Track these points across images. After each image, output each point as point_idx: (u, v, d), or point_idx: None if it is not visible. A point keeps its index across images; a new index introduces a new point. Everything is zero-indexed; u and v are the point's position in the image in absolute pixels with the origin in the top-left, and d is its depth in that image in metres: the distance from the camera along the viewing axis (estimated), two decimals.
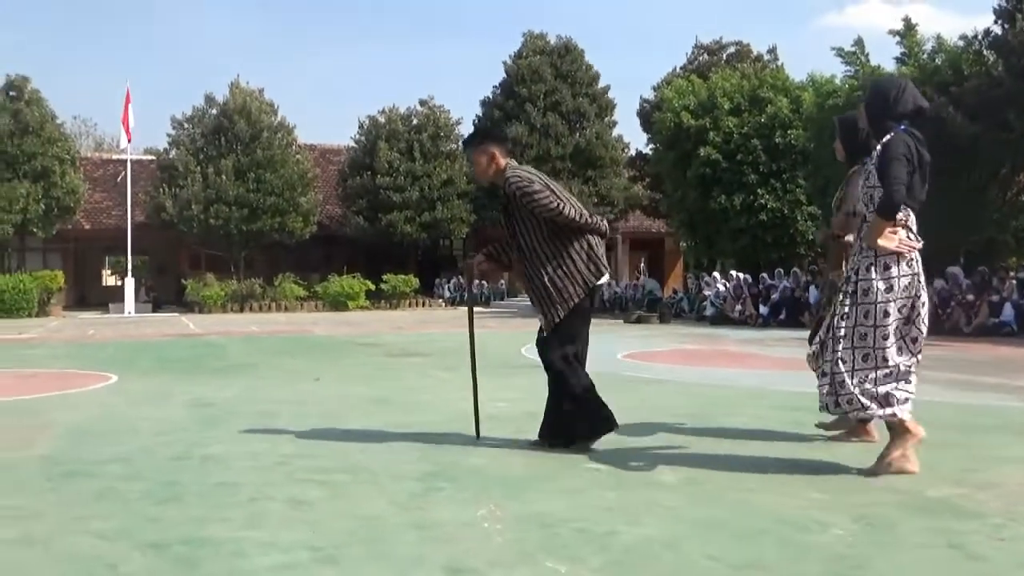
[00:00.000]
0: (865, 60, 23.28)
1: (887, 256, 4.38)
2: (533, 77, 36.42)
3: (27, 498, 4.23)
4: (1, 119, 30.64)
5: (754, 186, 25.71)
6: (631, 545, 3.39)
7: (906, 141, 4.40)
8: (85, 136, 55.65)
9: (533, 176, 5.21)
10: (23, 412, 7.21)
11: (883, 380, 4.41)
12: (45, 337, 18.53)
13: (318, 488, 4.35)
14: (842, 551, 3.30)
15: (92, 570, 3.18)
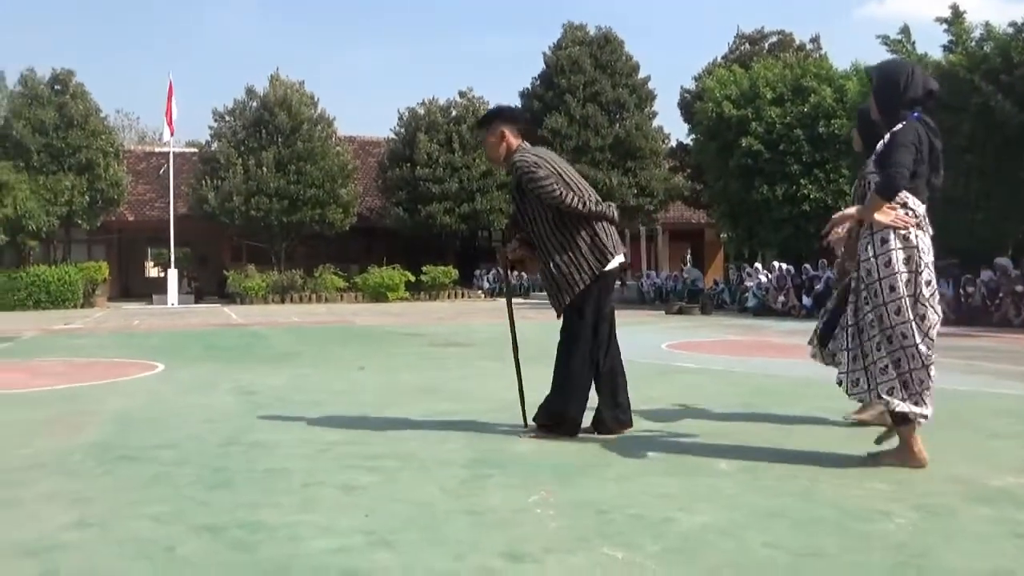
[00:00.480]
0: (911, 48, 22.91)
1: (882, 230, 4.33)
2: (573, 68, 36.29)
3: (82, 483, 4.27)
4: (46, 112, 31.03)
5: (797, 176, 25.43)
6: (688, 532, 3.35)
7: (916, 130, 4.36)
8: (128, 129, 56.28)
9: (541, 160, 5.15)
10: (74, 399, 7.29)
11: (912, 362, 4.28)
12: (91, 327, 18.77)
13: (369, 474, 4.35)
14: (904, 540, 3.25)
15: (149, 552, 3.19)
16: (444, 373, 8.81)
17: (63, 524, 3.56)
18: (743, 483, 4.10)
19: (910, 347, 4.27)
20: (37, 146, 30.59)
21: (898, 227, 4.32)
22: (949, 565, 2.98)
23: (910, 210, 4.36)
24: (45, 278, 30.15)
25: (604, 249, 5.09)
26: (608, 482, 4.13)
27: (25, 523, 3.58)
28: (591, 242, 5.08)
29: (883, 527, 3.40)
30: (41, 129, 30.80)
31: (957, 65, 20.35)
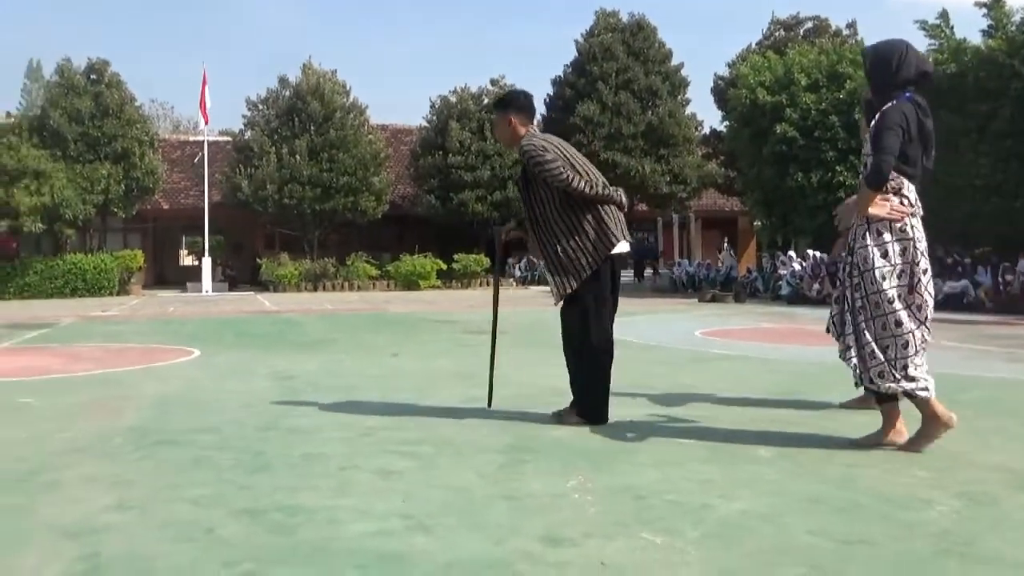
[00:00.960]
0: (950, 33, 22.61)
1: (879, 223, 4.35)
2: (605, 55, 36.05)
3: (121, 466, 4.31)
4: (83, 102, 31.30)
5: (832, 163, 25.16)
6: (728, 518, 3.33)
7: (904, 111, 4.35)
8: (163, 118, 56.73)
9: (548, 145, 5.15)
10: (112, 384, 7.36)
11: (902, 349, 4.31)
12: (128, 314, 18.96)
13: (405, 459, 4.36)
14: (948, 527, 3.21)
15: (190, 534, 3.22)
16: (478, 360, 8.77)
17: (103, 507, 3.59)
18: (783, 469, 4.07)
19: (905, 334, 4.32)
20: (74, 135, 30.87)
21: (894, 219, 4.34)
22: (994, 553, 2.95)
23: (904, 197, 4.39)
24: (82, 266, 30.49)
25: (610, 234, 5.09)
26: (646, 468, 4.11)
27: (66, 506, 3.62)
28: (597, 227, 5.09)
29: (926, 515, 3.37)
30: (77, 118, 31.07)
31: (996, 50, 20.07)
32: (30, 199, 28.62)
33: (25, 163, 28.92)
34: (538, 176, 5.10)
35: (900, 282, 4.35)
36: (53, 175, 29.37)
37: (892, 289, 4.34)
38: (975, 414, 5.46)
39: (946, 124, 20.64)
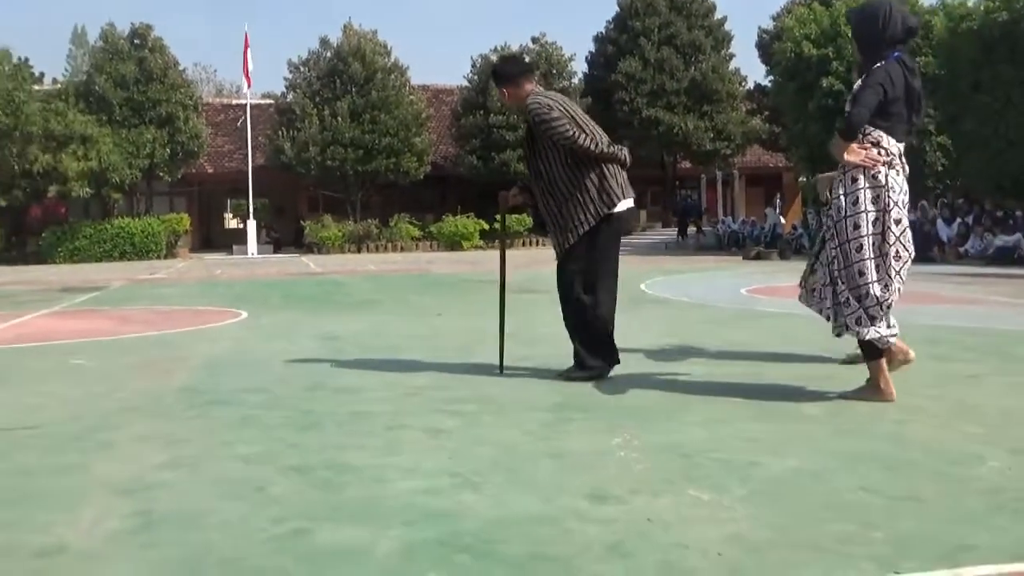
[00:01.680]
0: None
1: (853, 170, 4.44)
2: (647, 10, 35.64)
3: (174, 425, 4.37)
4: (127, 67, 31.51)
5: None
6: (776, 476, 3.30)
7: (889, 71, 4.42)
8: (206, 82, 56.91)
9: (553, 103, 5.17)
10: (164, 346, 7.46)
11: (864, 298, 4.40)
12: (175, 277, 19.19)
13: (452, 418, 4.37)
14: (1000, 484, 3.15)
15: (240, 492, 3.25)
16: (521, 319, 8.76)
17: (157, 464, 3.64)
18: (832, 427, 4.04)
19: (865, 284, 4.39)
20: (119, 100, 31.13)
21: (867, 166, 4.40)
22: None
23: (883, 149, 4.43)
24: (129, 230, 30.90)
25: (612, 192, 5.15)
26: (692, 426, 4.09)
27: (121, 463, 3.68)
28: (599, 184, 5.12)
29: (977, 471, 3.32)
30: (122, 83, 31.30)
31: None
32: (77, 164, 28.98)
33: (72, 128, 29.26)
34: (544, 134, 5.12)
35: (874, 230, 4.41)
36: (99, 140, 29.69)
37: (865, 238, 4.40)
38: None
39: (1000, 74, 20.22)
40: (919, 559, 2.47)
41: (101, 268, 24.47)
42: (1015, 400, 4.47)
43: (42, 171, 28.91)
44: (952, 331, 7.28)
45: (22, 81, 30.63)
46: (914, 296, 10.85)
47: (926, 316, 8.44)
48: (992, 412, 4.23)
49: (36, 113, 28.90)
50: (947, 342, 6.57)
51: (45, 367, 6.36)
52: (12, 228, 31.56)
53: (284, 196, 38.64)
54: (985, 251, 18.68)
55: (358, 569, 2.54)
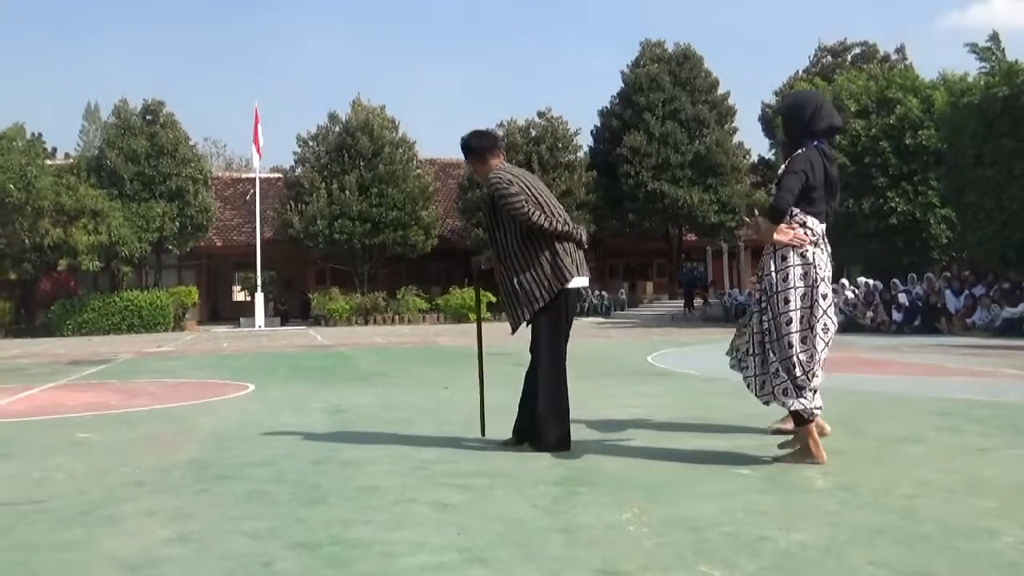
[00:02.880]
0: (1001, 55, 22.35)
1: (783, 248, 4.69)
2: (651, 85, 36.17)
3: (181, 500, 4.33)
4: (138, 142, 31.96)
5: (883, 189, 24.92)
6: (786, 551, 3.25)
7: (810, 159, 4.75)
8: (216, 156, 57.69)
9: (513, 179, 5.24)
10: (171, 419, 7.42)
11: (791, 369, 4.62)
12: (183, 350, 19.20)
13: (460, 492, 4.33)
14: (1015, 559, 3.11)
15: (248, 568, 3.22)
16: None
17: (163, 539, 3.61)
18: (842, 500, 3.99)
19: (794, 355, 4.62)
20: (130, 174, 31.53)
21: (795, 245, 4.65)
22: None
23: (808, 229, 4.72)
24: (138, 302, 31.05)
25: (565, 269, 5.19)
26: (701, 499, 4.04)
27: (127, 538, 3.64)
28: (552, 261, 5.19)
29: (991, 546, 3.26)
30: (133, 158, 31.74)
31: None
32: (88, 238, 29.24)
33: (83, 203, 29.59)
34: (502, 208, 5.20)
35: (803, 304, 4.65)
36: (110, 214, 29.99)
37: (794, 312, 4.64)
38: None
39: (1002, 147, 20.40)
40: None
41: (109, 341, 24.51)
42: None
43: (52, 244, 29.16)
44: (962, 404, 7.22)
45: (35, 156, 31.10)
46: (922, 368, 10.85)
47: (935, 388, 8.42)
48: (1005, 486, 4.18)
49: (48, 187, 29.24)
50: (957, 415, 6.53)
51: (52, 441, 6.31)
52: (21, 301, 31.73)
53: (292, 269, 38.85)
54: (992, 322, 18.63)
55: None
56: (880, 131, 25.13)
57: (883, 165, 25.01)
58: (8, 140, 31.80)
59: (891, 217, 24.89)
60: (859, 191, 25.08)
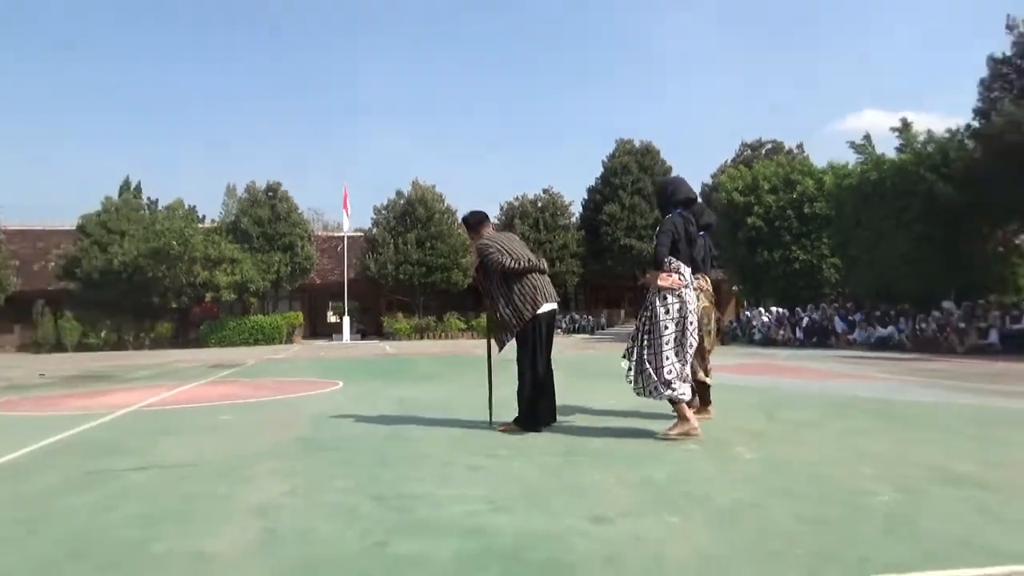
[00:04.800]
0: (872, 150, 22.28)
1: (665, 289, 4.76)
2: (623, 171, 36.24)
3: (293, 463, 4.34)
4: (262, 211, 32.25)
5: (789, 244, 24.79)
6: (726, 505, 3.22)
7: (674, 221, 4.87)
8: (316, 221, 57.71)
9: (492, 242, 5.32)
10: (284, 406, 7.43)
11: (667, 373, 4.71)
12: (292, 357, 19.22)
13: (488, 459, 4.31)
14: (890, 511, 3.07)
15: (338, 513, 3.21)
16: None
17: (281, 492, 3.61)
18: (764, 468, 3.94)
19: (667, 363, 4.72)
20: (256, 233, 31.76)
21: (674, 288, 4.75)
22: (926, 532, 2.81)
23: (681, 275, 4.80)
24: (261, 323, 31.13)
25: (537, 298, 5.20)
26: (663, 466, 4.01)
27: (255, 492, 3.65)
28: (523, 294, 5.20)
29: (872, 501, 3.23)
30: (259, 222, 31.99)
31: (907, 161, 19.74)
32: (226, 278, 29.44)
33: (223, 253, 29.82)
34: (485, 262, 5.32)
35: (676, 328, 4.75)
36: (242, 261, 30.21)
37: (671, 334, 4.74)
38: (904, 426, 5.26)
39: (873, 214, 20.30)
40: (834, 572, 2.40)
41: (241, 351, 24.57)
42: (897, 449, 4.36)
43: (202, 283, 29.37)
44: (848, 399, 7.15)
45: (191, 221, 31.42)
46: (820, 373, 10.73)
47: (829, 387, 8.32)
48: (882, 458, 4.13)
49: (199, 243, 29.52)
50: (845, 406, 6.46)
51: (202, 422, 6.33)
52: (180, 322, 31.89)
53: (369, 299, 38.88)
54: (869, 339, 18.44)
55: (425, 571, 2.49)
56: (786, 203, 25.02)
57: (788, 227, 24.87)
58: (172, 210, 32.16)
59: (795, 264, 24.73)
60: (771, 245, 24.96)
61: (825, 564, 2.46)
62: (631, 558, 2.56)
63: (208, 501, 3.49)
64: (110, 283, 29.27)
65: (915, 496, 3.30)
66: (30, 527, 3.14)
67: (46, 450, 5.04)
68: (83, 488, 3.82)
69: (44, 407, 8.04)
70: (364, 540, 2.82)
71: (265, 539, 2.87)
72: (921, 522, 2.91)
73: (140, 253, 28.98)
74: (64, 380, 12.32)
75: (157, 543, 2.85)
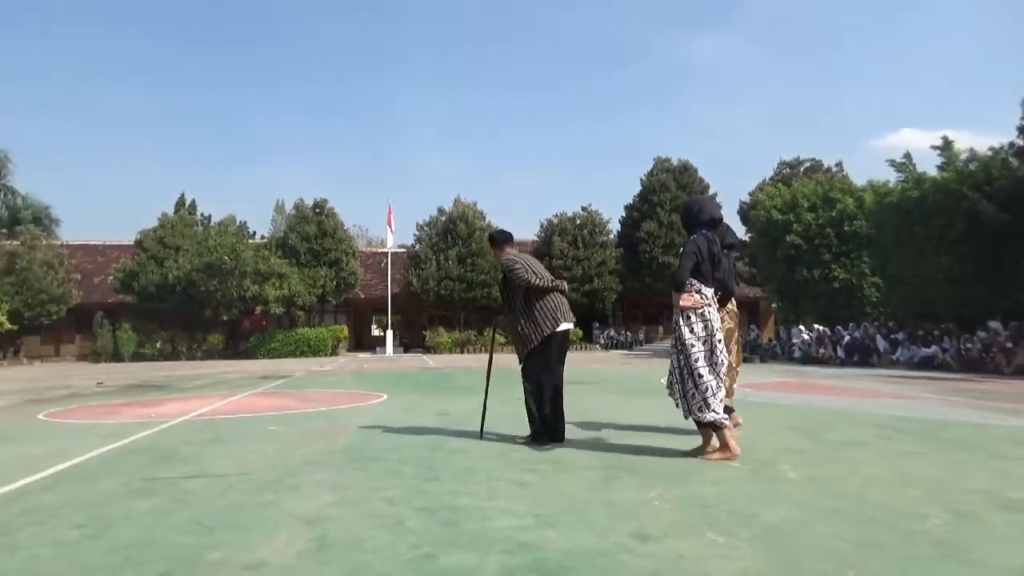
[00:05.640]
0: (913, 168, 21.78)
1: (689, 310, 4.71)
2: (661, 188, 35.95)
3: (339, 474, 4.35)
4: (310, 227, 32.75)
5: (828, 262, 24.28)
6: (771, 524, 3.14)
7: (698, 242, 4.79)
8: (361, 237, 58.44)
9: (518, 259, 5.43)
10: (330, 418, 7.48)
11: (706, 391, 4.62)
12: (337, 369, 19.40)
13: (532, 474, 4.28)
14: (942, 537, 2.95)
15: (386, 524, 3.21)
16: (580, 402, 8.62)
17: (327, 502, 3.63)
18: (809, 488, 3.83)
19: (703, 382, 4.63)
20: (303, 249, 32.26)
21: (697, 308, 4.71)
22: (981, 559, 2.69)
23: (704, 295, 4.74)
24: (307, 336, 31.54)
25: (556, 318, 5.28)
26: (706, 484, 3.92)
27: (303, 501, 3.67)
28: (544, 312, 5.30)
29: (923, 526, 3.11)
30: (306, 238, 32.50)
31: (949, 179, 19.22)
32: (275, 292, 29.92)
33: (272, 268, 30.32)
34: (510, 277, 5.40)
35: (704, 348, 4.69)
36: (290, 276, 30.68)
37: (698, 352, 4.67)
38: (952, 448, 5.08)
39: (914, 233, 19.80)
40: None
41: (288, 362, 24.90)
42: (945, 472, 4.21)
43: (251, 296, 29.88)
44: (893, 419, 6.93)
45: (242, 237, 32.08)
46: (862, 392, 10.45)
47: (872, 406, 8.10)
48: (930, 481, 3.98)
49: (250, 258, 30.08)
50: (889, 427, 6.27)
51: (251, 432, 6.41)
52: (230, 334, 32.48)
53: (411, 313, 39.11)
54: (912, 359, 17.93)
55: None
56: (825, 221, 24.55)
57: (828, 245, 24.38)
58: (225, 226, 32.86)
59: (834, 282, 24.22)
60: (810, 264, 24.50)
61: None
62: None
63: (258, 510, 3.51)
64: (165, 296, 29.97)
65: (968, 521, 3.17)
66: (89, 532, 3.20)
67: (106, 456, 5.15)
68: (140, 494, 3.88)
69: (104, 415, 8.23)
70: (413, 552, 2.81)
71: (315, 548, 2.88)
72: (975, 548, 2.79)
73: (194, 267, 29.64)
74: (122, 389, 12.62)
75: (212, 551, 2.88)
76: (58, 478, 4.39)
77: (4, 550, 2.97)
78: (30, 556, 2.88)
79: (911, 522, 3.15)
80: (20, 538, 3.13)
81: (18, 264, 29.93)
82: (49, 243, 32.49)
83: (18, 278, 29.67)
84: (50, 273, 30.39)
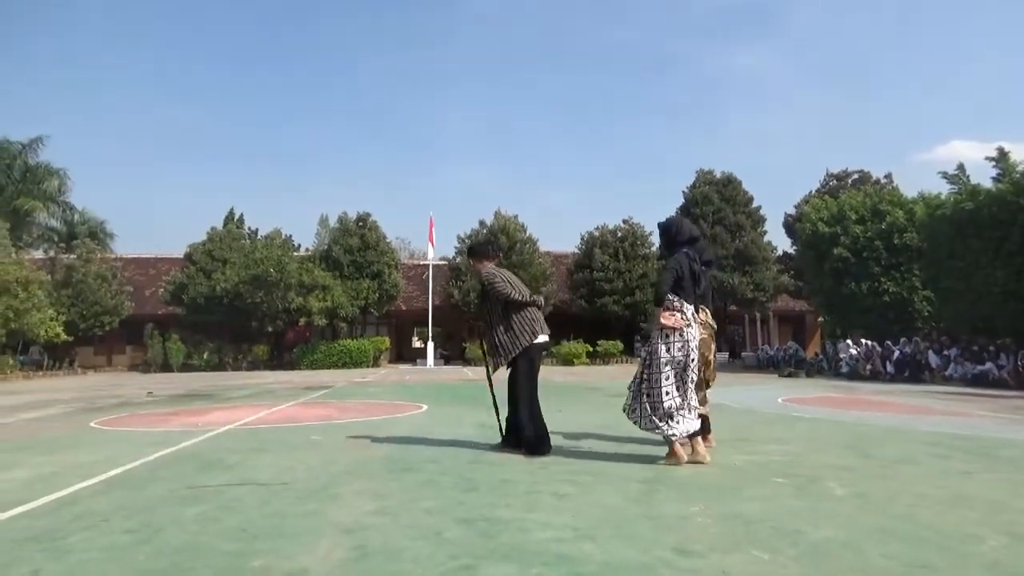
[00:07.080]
0: (966, 180, 21.20)
1: (668, 328, 4.80)
2: (704, 201, 35.55)
3: (378, 484, 4.38)
4: (352, 240, 33.17)
5: (878, 275, 23.71)
6: (816, 543, 3.06)
7: (679, 260, 4.90)
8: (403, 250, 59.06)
9: (497, 273, 5.57)
10: (372, 428, 7.53)
11: (668, 407, 4.76)
12: (378, 380, 19.57)
13: (572, 485, 4.25)
14: (998, 559, 2.84)
15: (425, 535, 3.22)
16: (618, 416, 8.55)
17: (368, 512, 3.65)
18: (856, 506, 3.73)
19: (667, 399, 4.78)
20: (346, 261, 32.67)
21: (678, 327, 4.77)
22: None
23: (683, 313, 4.82)
24: (349, 347, 31.86)
25: (535, 330, 5.46)
26: (749, 500, 3.85)
27: (343, 511, 3.70)
28: (522, 325, 5.42)
29: (978, 548, 3.00)
30: (349, 250, 32.90)
31: (1006, 191, 18.63)
32: (319, 303, 30.34)
33: (316, 280, 30.77)
34: (489, 291, 5.52)
35: (677, 366, 4.81)
36: (333, 288, 31.09)
37: (672, 371, 4.80)
38: (1008, 468, 4.89)
39: (968, 245, 19.24)
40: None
41: (331, 373, 25.20)
42: (1001, 493, 4.05)
43: (296, 308, 30.36)
44: (946, 436, 6.71)
45: (287, 250, 32.62)
46: (912, 408, 10.15)
47: (924, 423, 7.86)
48: (985, 501, 3.84)
49: (294, 270, 30.57)
50: (942, 444, 6.07)
51: (294, 441, 6.49)
52: (274, 345, 33.03)
53: (452, 325, 39.27)
54: (965, 376, 17.36)
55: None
56: (874, 234, 24.01)
57: (877, 258, 23.83)
58: (271, 239, 33.51)
59: (884, 296, 23.63)
60: (859, 277, 23.96)
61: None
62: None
63: (300, 518, 3.55)
64: (213, 307, 30.65)
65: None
66: (139, 537, 3.27)
67: (155, 463, 5.27)
68: (187, 501, 3.96)
69: (153, 423, 8.44)
70: (451, 562, 2.81)
71: (355, 557, 2.90)
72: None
73: (240, 280, 30.25)
74: (170, 399, 12.92)
75: (255, 558, 2.92)
76: (109, 484, 4.50)
77: (57, 554, 3.05)
78: (81, 560, 2.96)
79: (965, 544, 3.04)
80: (72, 542, 3.21)
81: (74, 277, 30.95)
82: (103, 256, 33.53)
83: (74, 290, 30.67)
84: (104, 286, 31.34)
